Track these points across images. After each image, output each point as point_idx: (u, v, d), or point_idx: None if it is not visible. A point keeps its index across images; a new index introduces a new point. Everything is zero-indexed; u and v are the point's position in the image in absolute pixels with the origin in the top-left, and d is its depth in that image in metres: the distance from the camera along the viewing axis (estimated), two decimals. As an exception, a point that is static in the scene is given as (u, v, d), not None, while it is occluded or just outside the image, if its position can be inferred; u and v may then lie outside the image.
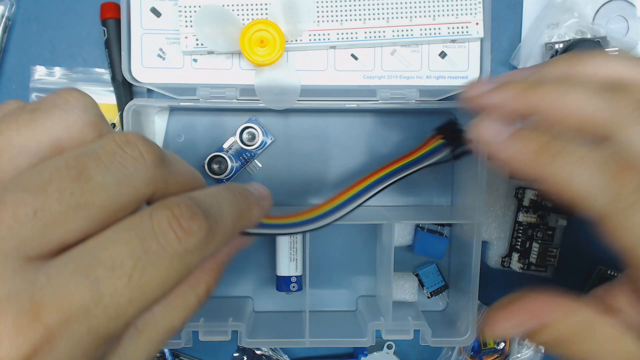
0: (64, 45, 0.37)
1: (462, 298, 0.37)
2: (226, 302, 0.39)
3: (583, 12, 0.36)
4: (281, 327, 0.38)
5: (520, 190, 0.38)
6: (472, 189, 0.35)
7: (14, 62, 0.37)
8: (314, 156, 0.38)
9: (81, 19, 0.37)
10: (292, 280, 0.37)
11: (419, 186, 0.39)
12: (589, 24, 0.36)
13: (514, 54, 0.37)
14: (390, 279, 0.35)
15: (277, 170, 0.38)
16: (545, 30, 0.36)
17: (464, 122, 0.37)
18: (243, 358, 0.39)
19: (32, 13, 0.37)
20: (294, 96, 0.33)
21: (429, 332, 0.35)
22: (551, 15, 0.36)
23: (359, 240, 0.39)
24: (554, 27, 0.36)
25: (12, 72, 0.37)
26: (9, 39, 0.37)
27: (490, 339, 0.26)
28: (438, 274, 0.39)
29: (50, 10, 0.37)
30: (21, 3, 0.37)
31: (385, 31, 0.33)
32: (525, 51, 0.37)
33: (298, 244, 0.36)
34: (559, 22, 0.36)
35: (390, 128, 0.38)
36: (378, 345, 0.40)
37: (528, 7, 0.37)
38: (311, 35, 0.33)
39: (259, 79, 0.33)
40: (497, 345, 0.40)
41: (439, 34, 0.34)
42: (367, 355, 0.40)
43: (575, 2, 0.36)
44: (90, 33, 0.37)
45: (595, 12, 0.36)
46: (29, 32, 0.37)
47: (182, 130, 0.38)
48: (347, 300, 0.40)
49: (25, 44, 0.37)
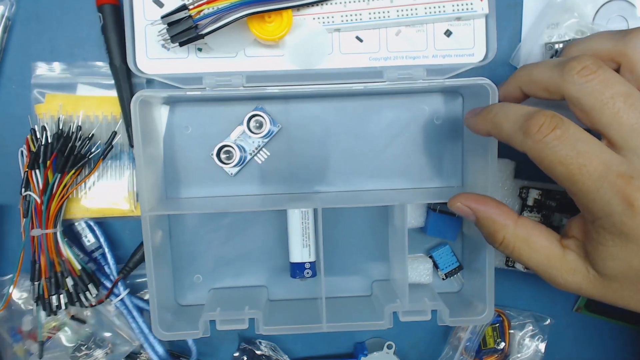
0: (64, 45, 0.37)
1: (478, 278, 0.37)
2: (241, 291, 0.39)
3: (583, 12, 0.36)
4: (297, 314, 0.38)
5: (525, 189, 0.38)
6: (483, 168, 0.35)
7: (14, 61, 0.37)
8: (322, 142, 0.38)
9: (81, 18, 0.37)
10: (305, 266, 0.37)
11: (428, 169, 0.39)
12: (589, 24, 0.36)
13: (514, 54, 0.37)
14: (405, 261, 0.35)
15: (285, 158, 0.38)
16: (545, 30, 0.36)
17: (470, 102, 0.37)
18: (243, 358, 0.39)
19: (32, 13, 0.37)
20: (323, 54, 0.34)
21: (447, 312, 0.35)
22: (551, 15, 0.36)
23: (370, 226, 0.39)
24: (554, 27, 0.36)
25: (12, 71, 0.37)
26: (9, 38, 0.37)
27: (452, 206, 0.32)
28: (452, 254, 0.39)
29: (50, 10, 0.37)
30: (21, 3, 0.37)
31: (390, 11, 0.33)
32: (525, 51, 0.37)
33: (310, 230, 0.36)
34: (559, 22, 0.36)
35: (398, 109, 0.38)
36: (378, 345, 0.40)
37: (528, 7, 0.37)
38: (316, 19, 0.33)
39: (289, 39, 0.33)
40: (497, 345, 0.40)
41: (443, 11, 0.33)
42: (367, 355, 0.40)
43: (575, 2, 0.36)
44: (90, 33, 0.37)
45: (595, 12, 0.36)
46: (29, 32, 0.37)
47: (188, 121, 0.38)
48: (362, 285, 0.40)
49: (25, 43, 0.37)
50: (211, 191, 0.38)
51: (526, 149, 0.26)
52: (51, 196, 0.35)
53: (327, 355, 0.42)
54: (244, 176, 0.38)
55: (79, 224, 0.38)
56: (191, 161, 0.38)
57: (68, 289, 0.36)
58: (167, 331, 0.35)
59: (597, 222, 0.26)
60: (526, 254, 0.29)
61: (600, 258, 0.26)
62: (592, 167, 0.25)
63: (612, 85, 0.26)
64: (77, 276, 0.36)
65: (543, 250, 0.29)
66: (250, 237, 0.39)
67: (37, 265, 0.35)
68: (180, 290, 0.39)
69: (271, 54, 0.34)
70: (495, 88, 0.33)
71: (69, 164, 0.35)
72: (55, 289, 0.36)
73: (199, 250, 0.39)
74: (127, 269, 0.38)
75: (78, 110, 0.37)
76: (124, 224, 0.39)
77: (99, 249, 0.38)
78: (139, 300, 0.39)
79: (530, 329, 0.40)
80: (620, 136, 0.25)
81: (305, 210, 0.36)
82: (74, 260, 0.36)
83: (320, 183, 0.38)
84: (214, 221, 0.39)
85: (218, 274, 0.39)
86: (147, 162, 0.35)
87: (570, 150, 0.25)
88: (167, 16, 0.30)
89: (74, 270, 0.36)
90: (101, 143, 0.37)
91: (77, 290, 0.36)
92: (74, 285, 0.36)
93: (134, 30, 0.34)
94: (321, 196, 0.38)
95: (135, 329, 0.38)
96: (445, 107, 0.38)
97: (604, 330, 0.42)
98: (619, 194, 0.24)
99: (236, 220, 0.39)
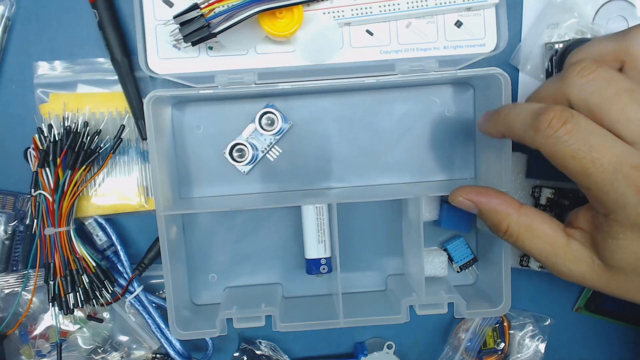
0: (64, 45, 0.37)
1: (493, 270, 0.37)
2: (256, 289, 0.39)
3: (583, 12, 0.36)
4: (313, 310, 0.38)
5: (537, 189, 0.38)
6: (497, 160, 0.34)
7: (15, 61, 0.37)
8: (334, 137, 0.38)
9: (81, 18, 0.37)
10: (322, 262, 0.37)
11: (440, 161, 0.38)
12: (589, 24, 0.36)
13: (514, 54, 0.37)
14: (421, 254, 0.35)
15: (298, 154, 0.38)
16: (545, 30, 0.36)
17: (482, 94, 0.37)
18: (243, 358, 0.39)
19: (32, 13, 0.37)
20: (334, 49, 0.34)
21: (464, 304, 0.35)
22: (551, 15, 0.36)
23: (384, 220, 0.39)
24: (554, 27, 0.36)
25: (12, 72, 0.37)
26: (9, 38, 0.37)
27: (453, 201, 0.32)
28: (467, 247, 0.39)
29: (50, 10, 0.37)
30: (21, 3, 0.37)
31: (400, 3, 0.33)
32: (525, 51, 0.37)
33: (325, 225, 0.36)
34: (559, 22, 0.36)
35: (409, 102, 0.38)
36: (378, 345, 0.40)
37: (528, 7, 0.37)
38: (326, 13, 0.33)
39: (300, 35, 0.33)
40: (497, 345, 0.40)
41: (453, 2, 0.33)
42: (367, 355, 0.40)
43: (575, 2, 0.35)
44: (90, 32, 0.37)
45: (595, 12, 0.36)
46: (29, 32, 0.37)
47: (200, 121, 0.38)
48: (376, 280, 0.40)
49: (25, 43, 0.37)
50: (224, 190, 0.38)
51: (538, 145, 0.26)
52: (63, 194, 0.35)
53: (327, 355, 0.42)
54: (257, 174, 0.38)
55: (89, 223, 0.38)
56: (203, 160, 0.38)
57: (84, 286, 0.36)
58: (184, 330, 0.35)
59: (611, 216, 0.26)
60: (529, 242, 0.29)
61: (609, 250, 0.26)
62: (606, 160, 0.25)
63: (614, 82, 0.26)
64: (92, 273, 0.36)
65: (546, 238, 0.29)
66: (264, 234, 0.39)
67: (52, 265, 0.35)
68: (195, 289, 0.39)
69: (282, 50, 0.34)
70: (508, 77, 0.33)
71: (79, 160, 0.35)
72: (71, 287, 0.36)
73: (213, 249, 0.39)
74: (143, 266, 0.38)
75: (83, 107, 0.37)
76: (135, 219, 0.39)
77: (111, 247, 0.38)
78: (154, 297, 0.39)
79: (530, 329, 0.40)
80: (630, 131, 0.25)
81: (319, 206, 0.36)
82: (89, 257, 0.36)
83: (333, 178, 0.38)
84: (227, 220, 0.39)
85: (232, 273, 0.39)
86: (162, 161, 0.35)
87: (583, 144, 0.25)
88: (179, 16, 0.30)
89: (90, 267, 0.36)
90: (109, 138, 0.37)
91: (93, 287, 0.36)
92: (90, 282, 0.36)
93: (145, 30, 0.34)
94: (335, 192, 0.38)
95: (152, 325, 0.38)
96: (456, 99, 0.38)
97: (604, 330, 0.42)
98: (634, 186, 0.24)
99: (249, 218, 0.39)
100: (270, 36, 0.33)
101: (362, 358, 0.40)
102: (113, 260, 0.38)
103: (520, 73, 0.38)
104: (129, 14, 0.37)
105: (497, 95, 0.34)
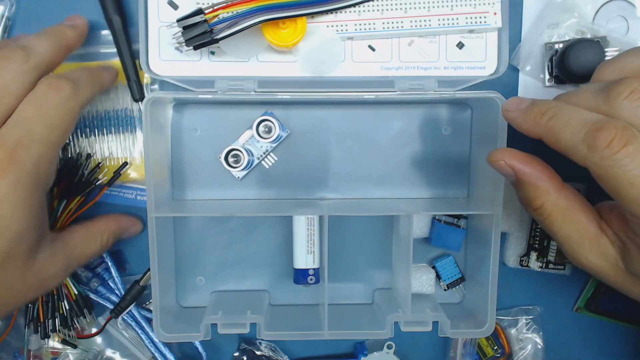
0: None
1: (480, 290, 0.37)
2: (243, 295, 0.39)
3: (583, 12, 0.36)
4: (299, 320, 0.38)
5: None
6: (490, 181, 0.35)
7: None
8: (330, 149, 0.38)
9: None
10: (309, 272, 0.37)
11: (434, 179, 0.39)
12: (589, 24, 0.36)
13: (514, 54, 0.37)
14: (409, 271, 0.35)
15: (293, 163, 0.38)
16: (545, 30, 0.36)
17: (479, 114, 0.37)
18: (243, 358, 0.39)
19: (32, 13, 0.37)
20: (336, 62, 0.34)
21: (448, 323, 0.35)
22: (551, 15, 0.36)
23: (374, 234, 0.39)
24: (554, 27, 0.36)
25: None
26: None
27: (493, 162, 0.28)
28: (455, 266, 0.39)
29: (50, 10, 0.37)
30: (21, 3, 0.37)
31: (403, 22, 0.33)
32: (525, 51, 0.37)
33: (315, 237, 0.36)
34: (559, 22, 0.36)
35: (407, 119, 0.38)
36: (378, 345, 0.40)
37: (528, 7, 0.37)
38: (329, 26, 0.33)
39: (303, 46, 0.33)
40: (496, 352, 0.40)
41: (457, 24, 0.34)
42: (367, 355, 0.40)
43: (575, 2, 0.36)
44: (90, 33, 0.36)
45: (595, 12, 0.36)
46: (29, 32, 0.37)
47: (197, 124, 0.38)
48: (363, 293, 0.40)
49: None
50: (217, 194, 0.38)
51: (590, 164, 0.24)
52: (55, 221, 0.35)
53: (327, 356, 0.42)
54: (251, 180, 0.38)
55: None
56: (198, 163, 0.38)
57: (63, 313, 0.36)
58: (168, 333, 0.35)
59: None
60: (558, 225, 0.27)
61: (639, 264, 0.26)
62: None
63: None
64: (73, 300, 0.36)
65: (578, 226, 0.27)
66: (254, 241, 0.39)
67: None
68: (182, 291, 0.39)
69: (284, 59, 0.34)
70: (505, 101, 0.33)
71: (75, 190, 0.35)
72: (51, 313, 0.36)
73: (202, 252, 0.39)
74: (119, 309, 0.37)
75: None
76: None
77: (101, 263, 0.38)
78: (145, 311, 0.39)
79: (523, 322, 0.41)
80: None
81: (311, 217, 0.36)
82: (71, 284, 0.36)
83: (326, 189, 0.38)
84: (219, 224, 0.39)
85: (220, 277, 0.39)
86: (156, 163, 0.35)
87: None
88: (183, 20, 0.30)
89: (71, 294, 0.36)
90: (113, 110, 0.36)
91: (72, 314, 0.37)
92: (69, 309, 0.36)
93: (148, 31, 0.34)
94: (327, 203, 0.38)
95: (145, 340, 0.38)
96: (453, 118, 0.38)
97: (604, 330, 0.42)
98: None
99: (241, 223, 0.39)
100: (272, 46, 0.33)
101: (362, 358, 0.40)
102: (104, 277, 0.38)
103: (520, 73, 0.37)
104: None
105: (495, 117, 0.34)
